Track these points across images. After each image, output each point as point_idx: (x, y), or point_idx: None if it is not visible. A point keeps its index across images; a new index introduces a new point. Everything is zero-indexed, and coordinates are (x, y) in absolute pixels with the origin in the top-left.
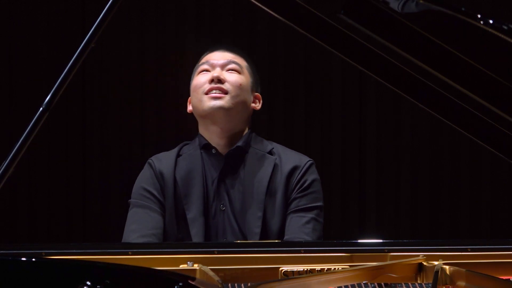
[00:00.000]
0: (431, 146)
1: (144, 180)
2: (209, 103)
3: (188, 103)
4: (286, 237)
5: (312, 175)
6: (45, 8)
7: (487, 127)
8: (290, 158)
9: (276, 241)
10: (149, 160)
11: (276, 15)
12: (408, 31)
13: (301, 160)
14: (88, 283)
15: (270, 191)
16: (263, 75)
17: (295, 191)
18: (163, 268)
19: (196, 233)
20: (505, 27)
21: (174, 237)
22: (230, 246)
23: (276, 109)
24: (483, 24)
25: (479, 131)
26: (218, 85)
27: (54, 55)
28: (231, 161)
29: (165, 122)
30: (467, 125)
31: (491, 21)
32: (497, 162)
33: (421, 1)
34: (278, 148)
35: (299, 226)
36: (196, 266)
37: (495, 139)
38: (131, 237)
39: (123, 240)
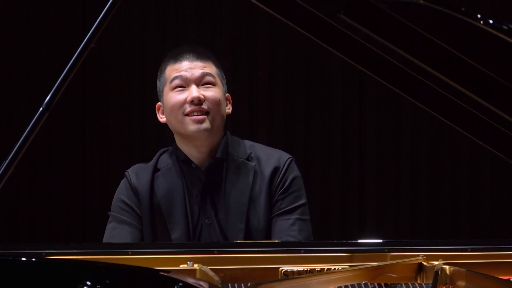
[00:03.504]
0: (431, 146)
1: (121, 192)
2: (193, 126)
3: (157, 110)
4: None
5: (292, 173)
6: (45, 8)
7: (487, 127)
8: (269, 160)
9: (276, 241)
10: (126, 173)
11: (276, 15)
12: (408, 31)
13: (280, 159)
14: (88, 283)
15: (252, 199)
16: (263, 75)
17: (277, 192)
18: (163, 268)
19: None
20: (505, 27)
21: None
22: (230, 246)
23: (276, 109)
24: (483, 24)
25: (479, 131)
26: (198, 106)
27: (54, 55)
28: (212, 175)
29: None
30: (467, 125)
31: (491, 21)
32: (497, 162)
33: (421, 1)
34: (256, 150)
35: (284, 229)
36: (196, 266)
37: (495, 139)
38: None
39: None
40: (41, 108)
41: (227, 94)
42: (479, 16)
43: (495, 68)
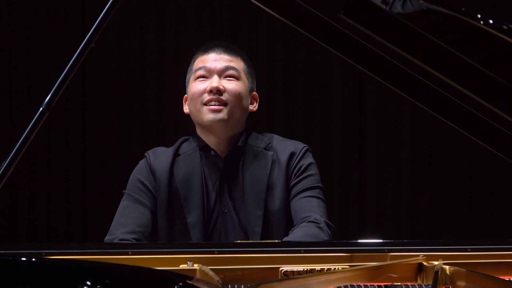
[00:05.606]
0: (431, 146)
1: (140, 172)
2: (209, 115)
3: (184, 102)
4: (295, 222)
5: (308, 159)
6: (45, 8)
7: (487, 127)
8: (286, 148)
9: (276, 241)
10: (146, 153)
11: (276, 15)
12: (408, 31)
13: (297, 147)
14: (88, 283)
15: (270, 187)
16: (263, 75)
17: (293, 176)
18: (163, 268)
19: (198, 239)
20: (505, 27)
21: (166, 237)
22: (230, 246)
23: (276, 110)
24: (483, 24)
25: (479, 131)
26: (217, 96)
27: (54, 55)
28: (230, 163)
29: (165, 122)
30: (467, 125)
31: (491, 21)
32: (497, 162)
33: (421, 1)
34: (273, 140)
35: (303, 205)
36: (196, 266)
37: (495, 139)
38: (119, 230)
39: (110, 230)
40: (41, 108)
41: (254, 92)
42: (479, 16)
43: (495, 68)
